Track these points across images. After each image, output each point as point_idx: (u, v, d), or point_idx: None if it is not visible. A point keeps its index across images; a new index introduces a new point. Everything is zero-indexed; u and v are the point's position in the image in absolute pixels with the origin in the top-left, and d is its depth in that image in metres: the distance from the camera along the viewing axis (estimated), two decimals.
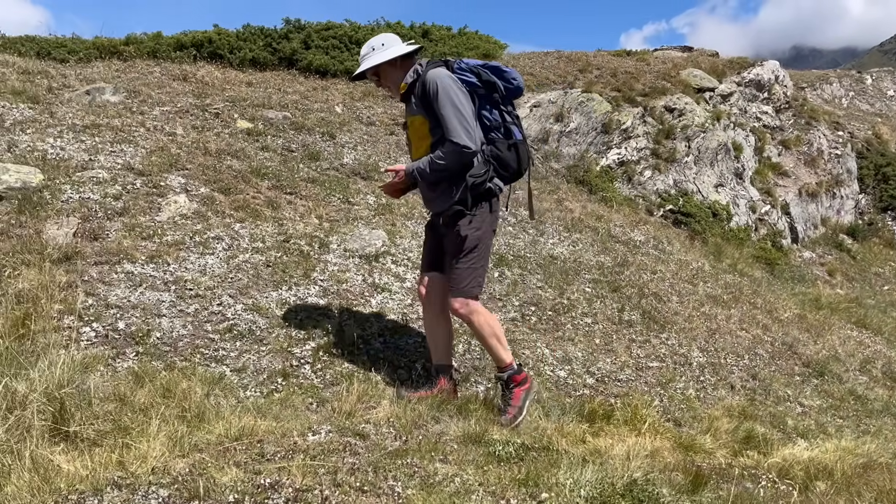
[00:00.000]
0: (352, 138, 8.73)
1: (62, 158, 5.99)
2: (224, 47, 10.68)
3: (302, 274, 5.32)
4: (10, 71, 8.09)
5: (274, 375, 4.11)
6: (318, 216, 6.40)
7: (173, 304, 4.58)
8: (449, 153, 3.70)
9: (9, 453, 2.72)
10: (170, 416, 3.23)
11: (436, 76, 3.72)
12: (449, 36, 12.66)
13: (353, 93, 10.49)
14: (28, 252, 4.63)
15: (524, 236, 7.12)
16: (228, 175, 6.62)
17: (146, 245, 5.14)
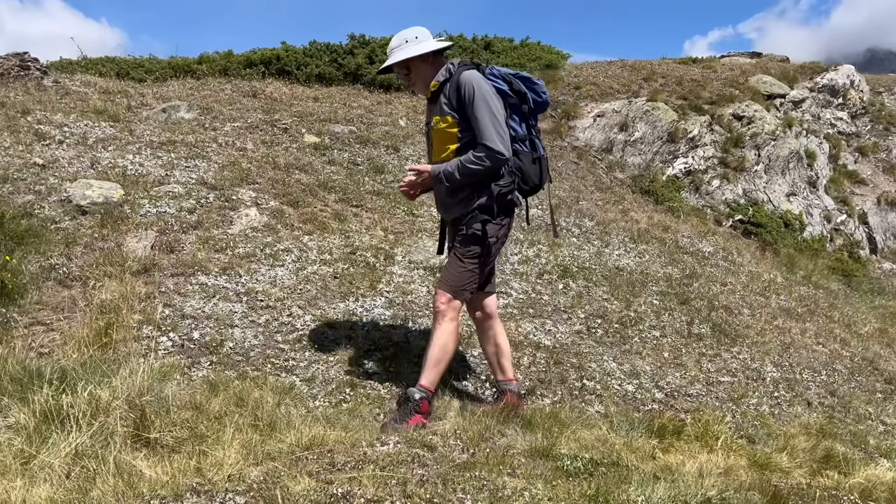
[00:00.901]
0: (415, 151, 8.81)
1: (140, 174, 6.25)
2: (291, 64, 10.96)
3: (368, 285, 5.40)
4: (92, 91, 8.49)
5: (342, 386, 4.18)
6: (383, 228, 6.48)
7: (245, 314, 4.71)
8: (482, 158, 3.60)
9: (94, 458, 2.84)
10: (243, 424, 3.31)
11: (471, 78, 3.63)
12: (511, 47, 12.68)
13: (417, 106, 10.60)
14: (110, 264, 4.84)
15: (588, 247, 7.05)
16: (297, 189, 6.78)
17: (219, 257, 5.30)
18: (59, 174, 5.93)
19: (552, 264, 6.38)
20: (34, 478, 2.68)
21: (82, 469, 2.71)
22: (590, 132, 10.38)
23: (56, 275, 4.70)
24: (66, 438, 2.94)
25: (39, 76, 8.44)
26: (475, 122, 3.60)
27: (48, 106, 7.58)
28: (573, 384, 4.66)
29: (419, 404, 3.63)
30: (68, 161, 6.23)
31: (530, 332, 5.20)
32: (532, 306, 5.61)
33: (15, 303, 4.35)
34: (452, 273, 3.81)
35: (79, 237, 5.12)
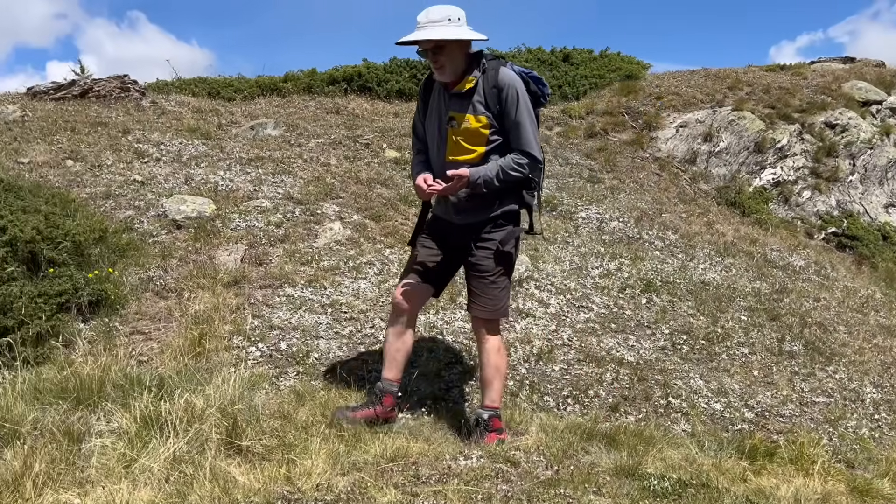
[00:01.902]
0: None
1: (231, 189, 6.50)
2: (372, 80, 11.19)
3: (448, 298, 5.43)
4: (186, 110, 8.91)
5: (424, 398, 4.21)
6: None
7: (330, 326, 4.82)
8: (524, 165, 3.44)
9: (190, 463, 2.97)
10: (329, 434, 3.39)
11: (514, 80, 3.42)
12: (590, 59, 12.57)
13: None
14: (203, 276, 5.05)
15: (672, 261, 6.88)
16: (378, 203, 6.90)
17: (305, 270, 5.45)
18: (157, 190, 6.24)
19: (634, 278, 6.27)
20: (136, 481, 2.82)
21: (180, 474, 2.83)
22: (672, 143, 10.16)
23: (154, 286, 4.94)
24: (164, 443, 3.08)
25: (138, 97, 8.91)
26: (516, 127, 3.42)
27: (146, 125, 7.99)
28: (658, 402, 4.55)
29: (490, 423, 3.58)
30: (164, 178, 6.55)
31: (612, 347, 5.12)
32: (614, 321, 5.52)
33: (117, 313, 4.59)
34: (489, 297, 3.59)
35: (174, 250, 5.37)
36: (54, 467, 2.89)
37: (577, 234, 7.13)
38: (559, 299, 5.70)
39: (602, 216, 7.65)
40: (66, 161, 6.58)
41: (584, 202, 7.95)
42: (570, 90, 11.53)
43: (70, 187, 6.01)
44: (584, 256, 6.60)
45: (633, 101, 11.10)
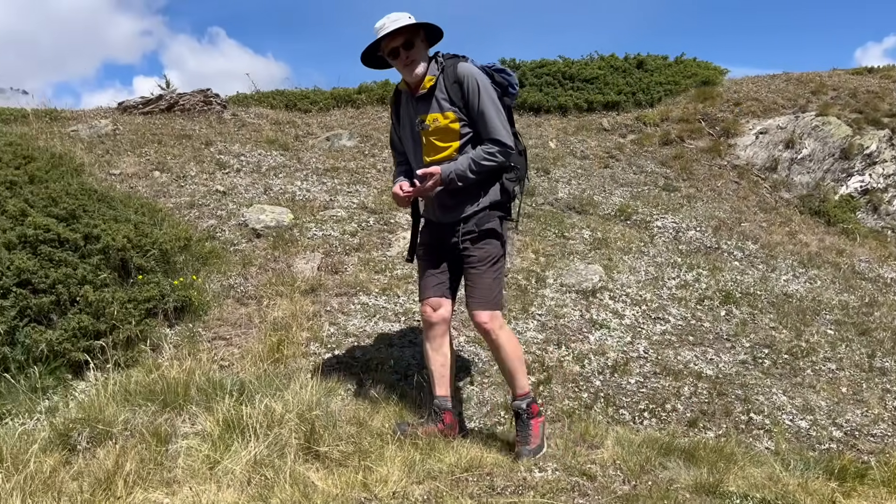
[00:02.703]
0: (565, 173, 8.77)
1: (307, 199, 6.66)
2: None
3: (520, 308, 5.41)
4: (264, 122, 9.19)
5: (497, 408, 4.20)
6: (534, 251, 6.48)
7: (403, 334, 4.87)
8: (494, 153, 3.41)
9: (270, 467, 3.04)
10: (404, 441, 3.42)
11: (472, 71, 3.43)
12: (665, 65, 12.34)
13: (567, 127, 10.56)
14: (281, 284, 5.19)
15: (752, 272, 6.66)
16: None
17: (379, 278, 5.52)
18: (237, 200, 6.45)
19: (713, 289, 6.10)
20: (220, 482, 2.91)
21: (261, 477, 2.91)
22: (751, 150, 9.84)
23: (234, 293, 5.10)
24: (245, 447, 3.17)
25: (220, 110, 9.25)
26: (481, 117, 3.42)
27: (227, 137, 8.28)
28: (739, 417, 4.41)
29: (529, 410, 3.52)
30: (245, 188, 6.76)
31: (690, 360, 4.98)
32: (692, 333, 5.38)
33: (200, 318, 4.76)
34: (483, 289, 3.52)
35: (254, 258, 5.53)
36: (143, 467, 3.01)
37: (653, 243, 6.99)
38: (634, 310, 5.59)
39: (678, 225, 7.48)
40: (154, 172, 6.88)
41: (660, 211, 7.79)
42: (644, 97, 11.34)
43: (157, 197, 6.28)
44: (660, 266, 6.46)
45: (709, 108, 10.83)
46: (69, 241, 4.46)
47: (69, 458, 3.12)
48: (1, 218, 4.47)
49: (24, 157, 5.89)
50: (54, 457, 3.03)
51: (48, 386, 3.81)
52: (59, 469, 2.96)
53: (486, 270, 3.53)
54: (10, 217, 4.51)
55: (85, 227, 4.63)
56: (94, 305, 4.18)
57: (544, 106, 11.06)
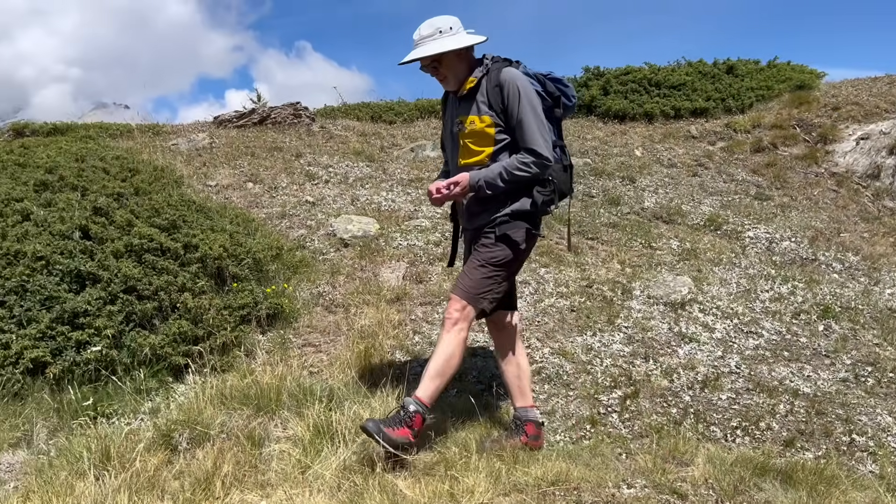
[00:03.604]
0: (652, 181, 8.59)
1: (393, 209, 6.78)
2: None
3: (606, 320, 5.33)
4: (351, 134, 9.42)
5: (582, 422, 4.15)
6: (619, 261, 6.38)
7: (486, 343, 4.87)
8: (529, 164, 3.28)
9: (360, 473, 3.11)
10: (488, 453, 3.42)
11: (515, 77, 3.33)
12: (756, 69, 11.93)
13: (653, 135, 10.35)
14: (368, 292, 5.29)
15: (853, 285, 6.33)
16: None
17: None
18: (326, 210, 6.63)
19: (810, 303, 5.83)
20: (311, 487, 2.99)
21: (351, 483, 2.97)
22: (851, 156, 9.38)
23: (323, 301, 5.23)
24: (335, 453, 3.26)
25: (308, 122, 9.54)
26: (519, 125, 3.31)
27: (316, 149, 8.53)
28: (840, 438, 4.19)
29: (412, 417, 3.20)
30: (333, 198, 6.95)
31: (786, 377, 4.78)
32: (787, 349, 5.16)
33: (290, 325, 4.91)
34: (471, 278, 3.39)
35: (342, 267, 5.67)
36: (239, 469, 3.13)
37: (745, 254, 6.75)
38: (725, 324, 5.41)
39: (772, 236, 7.20)
40: (247, 183, 7.16)
41: (752, 221, 7.52)
42: (734, 103, 11.00)
43: (250, 208, 6.53)
44: (753, 278, 6.23)
45: (805, 113, 10.39)
46: (170, 250, 4.69)
47: (171, 457, 3.28)
48: (110, 228, 4.75)
49: (130, 169, 6.24)
50: (158, 456, 3.19)
51: (151, 388, 4.01)
52: (161, 468, 3.12)
53: (484, 263, 3.38)
54: (118, 227, 4.78)
55: (185, 237, 4.86)
56: (193, 312, 4.38)
57: (629, 113, 10.90)
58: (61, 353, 3.89)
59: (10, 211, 4.85)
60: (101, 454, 3.13)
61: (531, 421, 3.62)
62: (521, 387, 3.65)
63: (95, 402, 3.74)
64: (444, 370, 3.33)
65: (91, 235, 4.66)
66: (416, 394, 3.30)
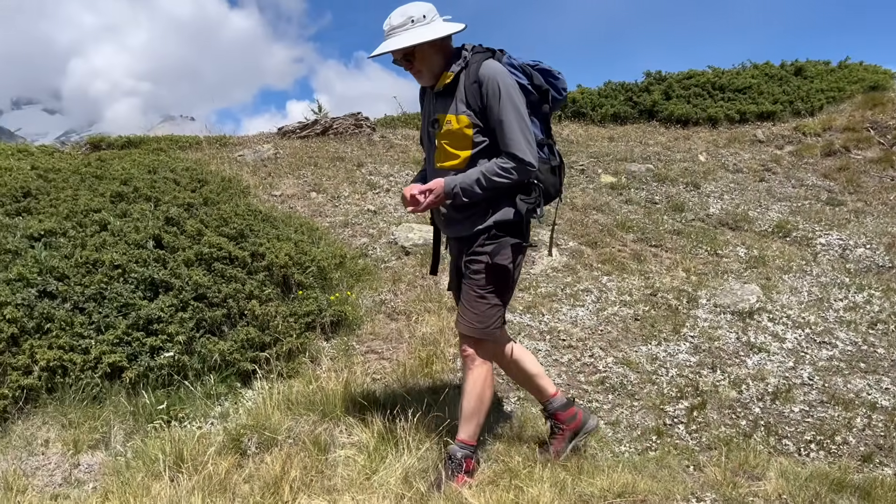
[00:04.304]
0: (717, 187, 8.40)
1: None
2: (587, 105, 11.17)
3: (671, 329, 5.23)
4: (411, 143, 9.49)
5: (647, 432, 4.07)
6: (684, 269, 6.25)
7: (548, 353, 4.84)
8: (509, 170, 2.95)
9: (424, 481, 3.12)
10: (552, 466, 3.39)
11: (496, 72, 2.97)
12: (827, 70, 11.56)
13: (717, 140, 10.12)
14: (429, 300, 5.32)
15: None
16: (595, 229, 6.84)
17: (523, 296, 5.53)
18: (387, 219, 6.71)
19: (887, 312, 5.59)
20: (376, 493, 3.02)
21: (415, 491, 2.99)
22: None
23: (385, 308, 5.29)
24: (399, 459, 3.28)
25: (369, 132, 9.66)
26: (500, 126, 2.97)
27: (377, 158, 8.64)
28: None
29: (462, 463, 3.14)
30: (394, 207, 7.02)
31: (863, 389, 4.59)
32: (863, 360, 4.96)
33: (354, 333, 4.98)
34: (475, 311, 3.12)
35: (403, 275, 5.72)
36: (306, 474, 3.19)
37: (816, 262, 6.53)
38: (797, 333, 5.24)
39: (845, 242, 6.94)
40: (311, 193, 7.30)
41: (823, 227, 7.27)
42: (802, 106, 10.66)
43: (314, 217, 6.65)
44: (825, 287, 6.02)
45: (879, 115, 10.00)
46: (238, 258, 4.82)
47: (240, 461, 3.36)
48: (181, 237, 4.91)
49: (199, 180, 6.44)
50: (228, 460, 3.28)
51: (220, 393, 4.12)
52: (232, 471, 3.20)
53: (483, 295, 3.12)
54: (189, 236, 4.94)
55: (252, 246, 4.99)
56: (260, 319, 4.48)
57: (693, 118, 10.69)
58: (137, 358, 4.04)
59: (89, 221, 5.06)
60: (175, 457, 3.23)
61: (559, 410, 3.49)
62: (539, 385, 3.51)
63: (168, 406, 3.86)
64: (479, 408, 3.20)
65: (164, 244, 4.82)
66: (459, 438, 3.20)
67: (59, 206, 5.35)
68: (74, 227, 4.97)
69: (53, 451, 3.57)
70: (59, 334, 3.99)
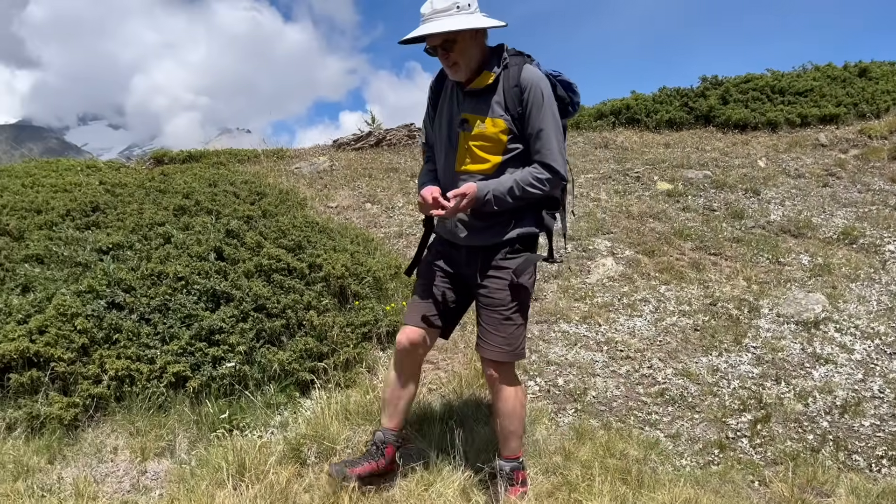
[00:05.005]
0: (778, 193, 8.17)
1: None
2: (641, 112, 11.03)
3: (732, 340, 5.10)
4: None
5: (709, 446, 3.98)
6: (745, 278, 6.09)
7: (606, 364, 4.78)
8: (544, 181, 2.84)
9: (483, 492, 3.12)
10: (611, 477, 3.35)
11: (540, 78, 2.85)
12: (892, 71, 11.17)
13: (778, 145, 9.86)
14: None
15: None
16: (651, 237, 6.74)
17: (579, 306, 5.48)
18: None
19: None
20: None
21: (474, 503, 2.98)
22: None
23: None
24: (456, 471, 3.28)
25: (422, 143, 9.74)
26: (539, 136, 2.85)
27: None
28: None
29: (513, 477, 3.14)
30: None
31: None
32: None
33: None
34: (503, 336, 3.01)
35: None
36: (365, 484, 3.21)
37: (885, 269, 6.28)
38: (866, 344, 5.05)
39: None
40: (366, 204, 7.38)
41: (893, 233, 7.00)
42: (868, 108, 10.31)
43: (369, 228, 6.72)
44: None
45: None
46: (296, 269, 4.90)
47: (300, 470, 3.41)
48: (241, 249, 5.03)
49: (258, 193, 6.59)
50: (289, 469, 3.33)
51: (280, 402, 4.19)
52: (293, 481, 3.25)
53: (509, 317, 3.01)
54: (249, 248, 5.05)
55: (309, 257, 5.07)
56: (318, 329, 4.55)
57: (751, 122, 10.45)
58: (199, 367, 4.14)
59: (154, 234, 5.22)
60: (238, 465, 3.30)
61: (392, 444, 3.30)
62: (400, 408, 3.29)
63: (230, 415, 3.95)
64: (519, 426, 3.17)
65: (225, 256, 4.94)
66: (504, 455, 3.18)
67: (125, 219, 5.54)
68: (140, 240, 5.14)
69: (122, 458, 3.68)
70: (126, 344, 4.13)
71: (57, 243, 5.10)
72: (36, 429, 3.77)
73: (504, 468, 3.14)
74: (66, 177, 7.44)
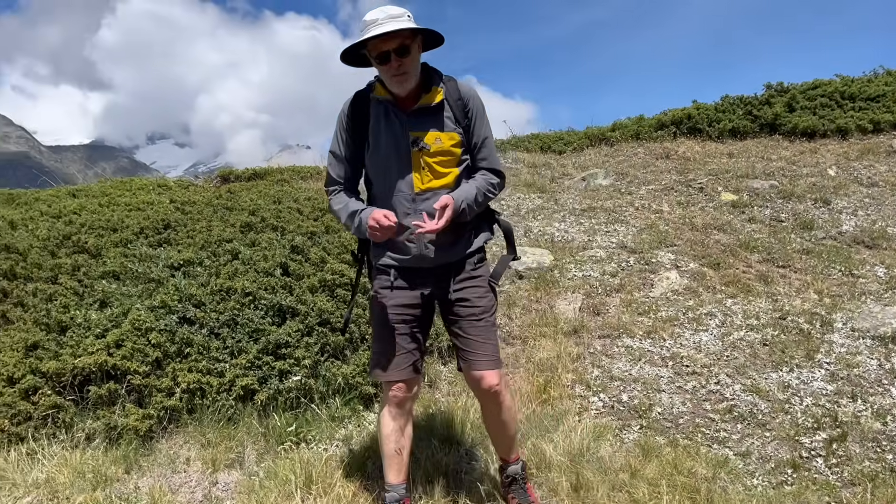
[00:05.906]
0: (850, 203, 7.89)
1: (566, 240, 6.75)
2: (703, 121, 10.83)
3: (804, 355, 4.94)
4: (521, 166, 9.52)
5: (782, 465, 3.85)
6: (816, 291, 5.89)
7: (671, 379, 4.69)
8: (496, 186, 3.03)
9: None
10: (679, 496, 3.28)
11: (474, 90, 3.03)
12: None
13: (848, 152, 9.53)
14: (544, 325, 5.29)
15: None
16: (716, 249, 6.59)
17: (642, 320, 5.40)
18: (500, 242, 6.73)
19: None
20: None
21: None
22: None
23: (501, 333, 5.30)
24: None
25: None
26: (484, 143, 3.02)
27: None
28: None
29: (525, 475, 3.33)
30: None
31: None
32: None
33: None
34: (493, 343, 3.08)
35: (518, 299, 5.72)
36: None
37: None
38: None
39: None
40: None
41: None
42: None
43: None
44: None
45: None
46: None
47: (366, 484, 3.45)
48: (305, 265, 5.14)
49: (320, 209, 6.72)
50: (355, 482, 3.37)
51: (344, 416, 4.25)
52: (359, 494, 3.29)
53: (494, 323, 3.12)
54: (313, 264, 5.16)
55: None
56: None
57: (819, 130, 10.13)
58: (266, 381, 4.24)
59: (222, 251, 5.39)
60: (305, 478, 3.36)
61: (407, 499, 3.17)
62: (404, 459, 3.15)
63: (297, 428, 4.02)
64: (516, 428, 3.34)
65: (290, 272, 5.05)
66: (513, 457, 3.31)
67: (195, 236, 5.73)
68: (209, 257, 5.30)
69: (194, 469, 3.79)
70: (197, 358, 4.26)
71: (132, 260, 5.30)
72: (113, 439, 3.92)
73: (517, 470, 3.30)
74: (139, 196, 7.74)
